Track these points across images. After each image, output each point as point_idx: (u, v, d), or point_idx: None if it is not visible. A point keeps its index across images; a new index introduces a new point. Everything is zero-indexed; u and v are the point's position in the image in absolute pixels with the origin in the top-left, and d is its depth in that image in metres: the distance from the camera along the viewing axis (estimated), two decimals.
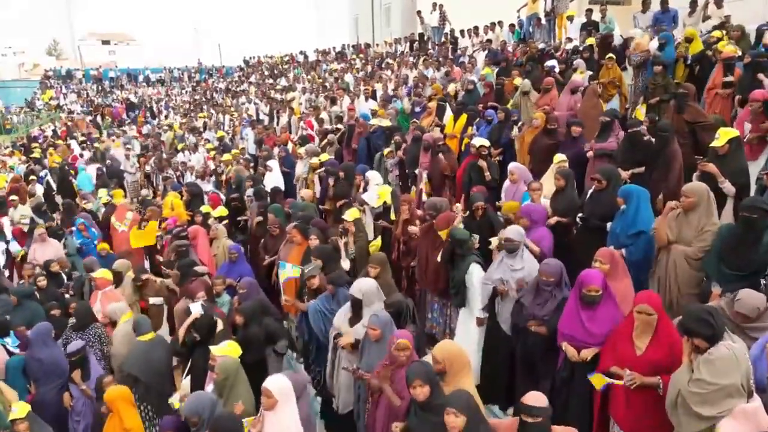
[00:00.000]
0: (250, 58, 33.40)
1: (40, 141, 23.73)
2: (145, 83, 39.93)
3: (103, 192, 12.03)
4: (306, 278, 5.42)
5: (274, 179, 10.21)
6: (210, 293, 5.87)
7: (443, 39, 17.82)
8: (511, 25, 15.29)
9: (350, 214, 6.66)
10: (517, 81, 9.77)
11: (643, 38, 10.15)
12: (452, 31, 17.70)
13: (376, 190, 7.06)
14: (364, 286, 4.47)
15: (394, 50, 20.23)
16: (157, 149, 17.44)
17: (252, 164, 11.72)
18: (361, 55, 21.88)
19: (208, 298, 5.74)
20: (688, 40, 8.99)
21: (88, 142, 20.14)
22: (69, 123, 27.13)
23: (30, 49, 61.41)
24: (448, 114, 9.96)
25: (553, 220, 5.53)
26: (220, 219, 8.72)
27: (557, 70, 10.85)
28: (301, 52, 27.62)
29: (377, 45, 23.54)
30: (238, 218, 8.93)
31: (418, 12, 19.40)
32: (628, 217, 4.77)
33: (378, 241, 6.95)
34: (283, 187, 10.43)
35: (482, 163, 7.14)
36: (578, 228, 5.45)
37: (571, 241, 5.53)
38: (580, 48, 11.24)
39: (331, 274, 5.12)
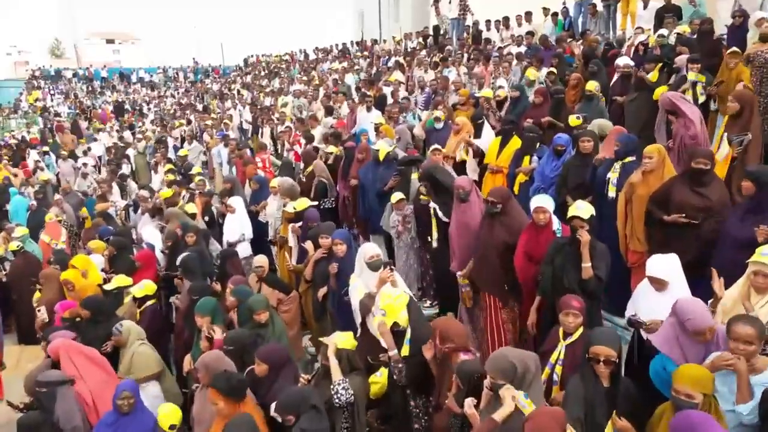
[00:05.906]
0: (249, 56, 30.99)
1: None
2: (138, 83, 37.25)
3: (21, 231, 8.99)
4: None
5: (234, 227, 7.14)
6: None
7: (464, 33, 14.74)
8: (554, 14, 12.13)
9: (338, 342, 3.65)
10: (592, 85, 6.63)
11: None
12: (476, 23, 14.61)
13: (380, 302, 3.86)
14: None
15: (404, 47, 17.12)
16: (118, 166, 14.32)
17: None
18: (366, 53, 18.77)
19: None
20: None
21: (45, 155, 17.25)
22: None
23: (35, 49, 59.51)
24: (489, 135, 6.75)
25: None
26: (142, 300, 5.65)
27: None
28: (301, 51, 24.76)
29: (384, 41, 20.52)
30: (171, 299, 5.85)
31: (435, 1, 16.32)
32: None
33: (383, 379, 3.88)
34: (249, 235, 7.38)
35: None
36: None
37: None
38: (664, 43, 8.13)
39: None
